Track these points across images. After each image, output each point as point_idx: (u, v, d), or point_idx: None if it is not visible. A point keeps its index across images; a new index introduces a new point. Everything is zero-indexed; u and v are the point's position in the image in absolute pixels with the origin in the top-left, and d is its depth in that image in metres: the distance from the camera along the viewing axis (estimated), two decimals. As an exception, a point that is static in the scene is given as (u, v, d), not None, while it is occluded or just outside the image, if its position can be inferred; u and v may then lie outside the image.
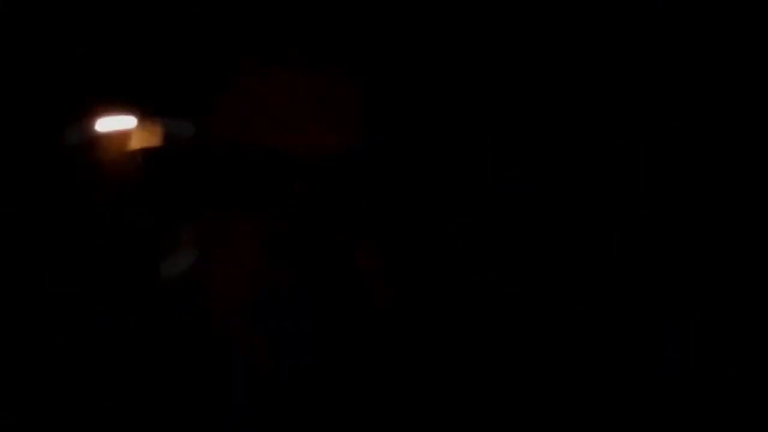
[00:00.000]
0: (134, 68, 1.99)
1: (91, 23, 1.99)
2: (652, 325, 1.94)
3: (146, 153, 1.95)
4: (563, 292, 1.94)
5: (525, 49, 1.89)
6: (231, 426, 1.64)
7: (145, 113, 1.97)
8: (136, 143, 1.99)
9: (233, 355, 1.59)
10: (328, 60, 1.52)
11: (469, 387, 1.76)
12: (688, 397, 1.90)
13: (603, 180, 1.97)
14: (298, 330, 1.46)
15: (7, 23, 1.98)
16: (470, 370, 1.78)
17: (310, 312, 1.44)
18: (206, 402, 1.69)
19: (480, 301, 1.84)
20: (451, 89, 1.72)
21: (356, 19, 1.58)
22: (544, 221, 1.95)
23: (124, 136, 1.99)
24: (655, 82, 2.00)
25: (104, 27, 1.99)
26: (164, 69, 1.92)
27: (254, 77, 1.52)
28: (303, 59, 1.51)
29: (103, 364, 1.85)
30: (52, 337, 1.89)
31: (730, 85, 2.00)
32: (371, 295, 1.49)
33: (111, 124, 2.01)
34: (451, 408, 1.70)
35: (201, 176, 1.55)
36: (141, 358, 1.82)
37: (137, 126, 2.00)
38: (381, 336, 1.53)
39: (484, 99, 1.78)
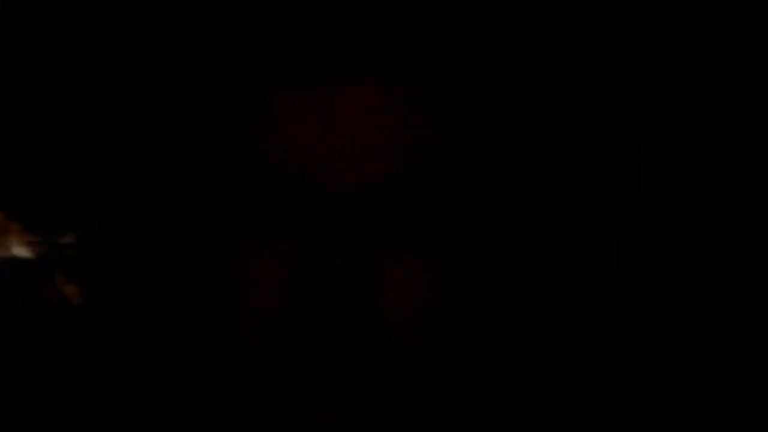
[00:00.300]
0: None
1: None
2: (652, 325, 1.94)
3: None
4: (563, 292, 1.95)
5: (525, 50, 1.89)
6: (231, 426, 1.64)
7: None
8: None
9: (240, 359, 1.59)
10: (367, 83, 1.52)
11: (471, 387, 1.77)
12: (688, 397, 1.90)
13: (603, 180, 1.98)
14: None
15: None
16: (472, 369, 1.79)
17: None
18: (206, 402, 1.70)
19: (481, 302, 1.84)
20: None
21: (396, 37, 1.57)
22: (544, 221, 1.95)
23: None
24: (655, 82, 2.01)
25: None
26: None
27: (292, 104, 1.52)
28: (342, 84, 1.51)
29: (104, 364, 1.85)
30: (53, 337, 1.90)
31: (729, 86, 2.00)
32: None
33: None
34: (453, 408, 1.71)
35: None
36: (142, 358, 1.82)
37: None
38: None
39: (485, 99, 1.78)
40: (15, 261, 1.95)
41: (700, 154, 1.98)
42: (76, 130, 2.05)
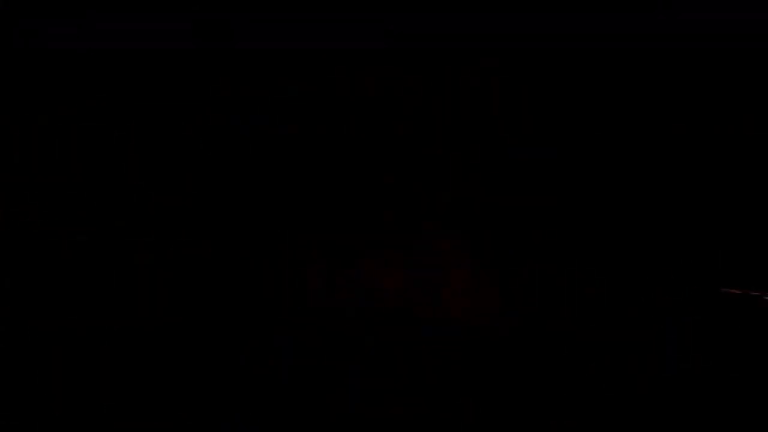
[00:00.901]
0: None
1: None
2: (652, 325, 1.94)
3: None
4: (565, 295, 1.95)
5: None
6: (231, 426, 1.65)
7: None
8: None
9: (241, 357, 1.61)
10: None
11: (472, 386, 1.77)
12: (688, 397, 1.90)
13: (604, 182, 1.98)
14: None
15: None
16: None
17: None
18: (206, 402, 1.70)
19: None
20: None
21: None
22: (548, 224, 1.96)
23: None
24: (655, 84, 2.01)
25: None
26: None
27: None
28: None
29: (104, 364, 1.86)
30: (53, 337, 1.90)
31: (729, 86, 2.00)
32: None
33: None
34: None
35: None
36: (143, 358, 1.83)
37: None
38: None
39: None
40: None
41: (700, 155, 1.99)
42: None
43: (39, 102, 2.02)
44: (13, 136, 2.03)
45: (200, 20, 1.91)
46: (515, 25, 1.91)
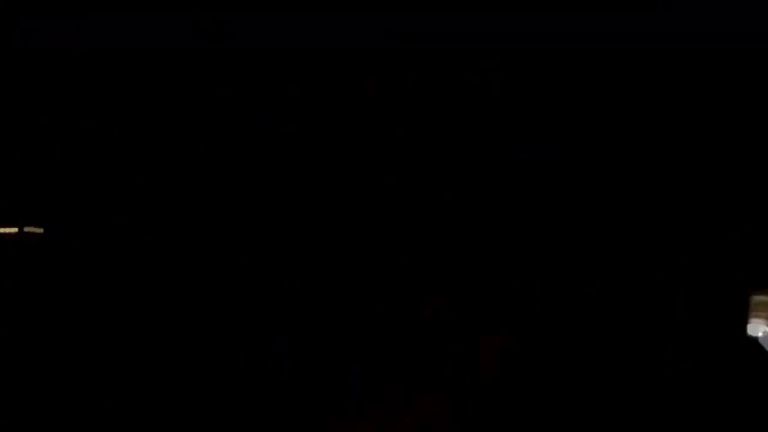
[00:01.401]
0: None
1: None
2: (652, 325, 1.94)
3: None
4: (565, 297, 1.95)
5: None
6: (231, 426, 1.65)
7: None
8: None
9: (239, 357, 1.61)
10: None
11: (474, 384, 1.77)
12: (688, 397, 1.90)
13: (604, 182, 1.98)
14: None
15: None
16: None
17: None
18: (206, 402, 1.70)
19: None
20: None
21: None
22: (550, 226, 1.95)
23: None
24: (656, 86, 2.00)
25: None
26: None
27: None
28: None
29: (104, 364, 1.86)
30: (53, 337, 1.90)
31: (729, 86, 2.00)
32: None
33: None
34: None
35: None
36: (143, 358, 1.82)
37: None
38: None
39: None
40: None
41: (700, 155, 1.98)
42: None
43: (39, 102, 2.02)
44: (13, 136, 2.03)
45: (200, 20, 1.91)
46: (515, 25, 1.91)
